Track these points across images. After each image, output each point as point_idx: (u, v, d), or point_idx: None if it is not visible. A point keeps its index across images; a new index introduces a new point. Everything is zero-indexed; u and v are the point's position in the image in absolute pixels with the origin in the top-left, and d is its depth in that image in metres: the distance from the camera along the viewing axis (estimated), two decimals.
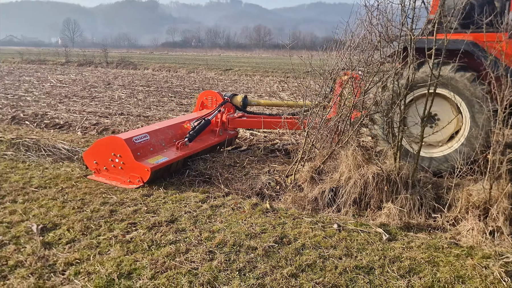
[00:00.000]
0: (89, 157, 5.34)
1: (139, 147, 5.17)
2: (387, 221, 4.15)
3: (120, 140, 5.05)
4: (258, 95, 14.78)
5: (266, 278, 3.06)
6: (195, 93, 14.68)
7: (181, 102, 12.60)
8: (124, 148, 5.01)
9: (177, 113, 10.34)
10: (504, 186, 4.15)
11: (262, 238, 3.71)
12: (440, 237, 3.83)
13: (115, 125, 8.75)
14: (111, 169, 5.18)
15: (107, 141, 5.28)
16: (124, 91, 14.83)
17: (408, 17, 4.26)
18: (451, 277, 3.11)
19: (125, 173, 5.08)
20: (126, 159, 5.03)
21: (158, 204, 4.49)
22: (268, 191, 4.99)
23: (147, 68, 27.78)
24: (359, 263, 3.30)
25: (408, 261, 3.35)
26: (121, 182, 5.09)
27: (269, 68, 29.11)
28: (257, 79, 21.80)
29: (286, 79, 21.81)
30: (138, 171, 5.00)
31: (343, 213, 4.36)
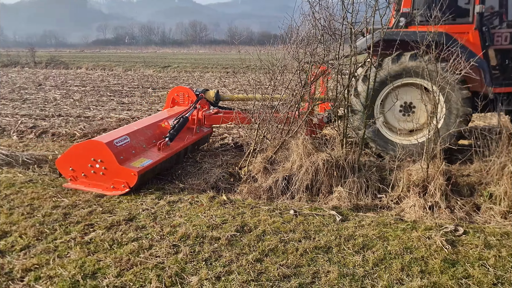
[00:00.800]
0: (64, 164, 4.93)
1: (121, 150, 4.86)
2: (338, 203, 4.41)
3: (101, 144, 4.71)
4: None
5: (232, 265, 3.17)
6: (135, 91, 14.34)
7: (121, 101, 12.24)
8: (106, 152, 4.68)
9: (120, 113, 10.07)
10: (439, 165, 4.58)
11: (224, 228, 3.80)
12: (386, 215, 4.16)
13: (54, 127, 8.35)
14: (91, 176, 4.82)
15: (85, 145, 4.88)
16: (58, 92, 14.11)
17: (348, 11, 4.53)
18: (400, 249, 3.41)
19: (108, 179, 4.75)
20: (108, 164, 4.70)
21: (113, 204, 4.42)
22: (223, 184, 5.09)
23: (80, 67, 26.50)
24: (318, 244, 3.51)
25: (361, 238, 3.61)
26: (103, 189, 4.77)
27: (208, 64, 28.97)
28: (197, 75, 21.66)
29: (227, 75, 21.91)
30: (123, 176, 4.68)
31: (297, 200, 4.56)
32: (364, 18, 4.57)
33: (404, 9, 5.52)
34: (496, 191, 4.32)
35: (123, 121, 8.96)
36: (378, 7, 4.53)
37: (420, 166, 4.59)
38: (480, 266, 3.14)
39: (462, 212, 4.20)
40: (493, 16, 5.79)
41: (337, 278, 2.99)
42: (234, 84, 17.24)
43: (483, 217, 4.14)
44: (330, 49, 4.93)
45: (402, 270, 3.10)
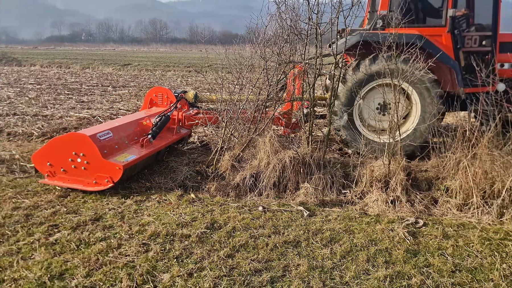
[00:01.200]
0: (41, 158, 4.70)
1: (105, 145, 4.69)
2: (305, 199, 4.52)
3: (84, 137, 4.52)
4: None
5: (204, 262, 3.18)
6: (95, 90, 13.94)
7: (81, 99, 11.87)
8: (89, 146, 4.49)
9: (79, 111, 9.77)
10: (400, 161, 4.79)
11: (194, 225, 3.81)
12: (351, 209, 4.30)
13: (10, 126, 7.99)
14: (71, 171, 4.61)
15: (66, 138, 4.68)
16: (12, 90, 13.48)
17: (313, 12, 4.65)
18: (366, 241, 3.55)
19: (90, 174, 4.57)
20: (91, 158, 4.51)
21: (78, 204, 4.31)
22: (190, 182, 5.07)
23: (34, 64, 25.38)
24: (287, 238, 3.59)
25: (328, 232, 3.73)
26: (84, 184, 4.58)
27: (169, 62, 28.62)
28: (159, 74, 21.32)
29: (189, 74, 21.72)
30: (106, 170, 4.51)
31: (265, 196, 4.63)
32: (330, 19, 4.70)
33: (381, 11, 5.72)
34: (452, 185, 4.56)
35: (83, 119, 8.71)
36: (342, 8, 4.66)
37: (382, 162, 4.78)
38: (440, 255, 3.33)
39: (422, 205, 4.42)
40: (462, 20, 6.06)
41: (307, 270, 3.08)
42: (197, 82, 17.13)
43: (440, 209, 4.37)
44: (296, 48, 5.02)
45: (368, 261, 3.23)
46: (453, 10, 5.52)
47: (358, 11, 4.87)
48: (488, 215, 4.14)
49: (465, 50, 5.80)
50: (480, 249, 3.43)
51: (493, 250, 3.42)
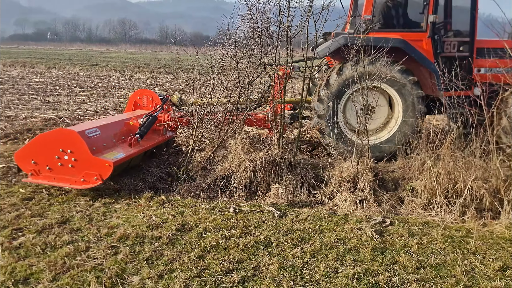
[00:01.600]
0: (24, 156, 4.54)
1: (93, 142, 4.55)
2: (276, 200, 4.56)
3: (72, 133, 4.38)
4: (132, 90, 14.29)
5: (174, 263, 3.16)
6: (61, 90, 13.56)
7: (46, 100, 11.52)
8: (78, 142, 4.35)
9: (45, 112, 9.48)
10: (368, 162, 4.91)
11: (164, 227, 3.78)
12: (321, 210, 4.38)
13: None
14: (57, 169, 4.46)
15: (53, 135, 4.52)
16: None
17: (284, 15, 4.71)
18: (335, 240, 3.62)
19: (77, 172, 4.43)
20: (79, 155, 4.37)
21: (43, 207, 4.19)
22: (160, 184, 5.03)
23: None
24: (258, 239, 3.61)
25: (298, 232, 3.78)
26: (71, 182, 4.45)
27: (139, 63, 28.18)
28: (128, 74, 20.97)
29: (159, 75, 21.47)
30: (95, 167, 4.38)
31: (236, 197, 4.64)
32: (300, 22, 4.77)
33: (365, 16, 5.85)
34: (417, 185, 4.72)
35: (49, 120, 8.46)
36: (312, 12, 4.75)
37: (351, 163, 4.89)
38: (405, 253, 3.44)
39: (388, 205, 4.54)
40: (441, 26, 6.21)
41: (278, 270, 3.11)
42: (168, 84, 16.96)
43: (406, 209, 4.51)
44: (267, 51, 5.07)
45: (337, 259, 3.30)
46: (433, 16, 5.69)
47: (328, 15, 4.95)
48: (451, 214, 4.30)
49: (444, 55, 5.98)
50: (443, 246, 3.56)
51: (455, 247, 3.56)
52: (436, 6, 5.77)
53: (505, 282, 3.03)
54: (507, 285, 2.99)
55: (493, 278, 3.08)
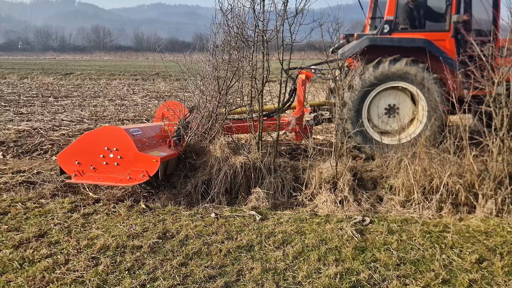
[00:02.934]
0: (67, 158, 4.54)
1: (138, 140, 4.56)
2: (257, 204, 4.57)
3: (120, 130, 4.42)
4: (109, 99, 14.12)
5: (157, 272, 3.14)
6: (34, 101, 13.26)
7: (19, 111, 11.24)
8: (125, 139, 4.37)
9: (18, 123, 9.24)
10: (346, 162, 4.98)
11: (145, 236, 3.74)
12: (302, 211, 4.41)
13: None
14: (102, 168, 4.49)
15: (99, 133, 4.53)
16: None
17: (259, 20, 4.74)
18: (316, 241, 3.65)
19: (123, 169, 4.44)
20: (126, 152, 4.39)
21: (20, 221, 4.09)
22: (140, 192, 4.97)
23: None
24: (240, 243, 3.62)
25: (280, 234, 3.80)
26: (117, 180, 4.46)
27: (115, 71, 27.84)
28: (104, 83, 20.69)
29: (136, 82, 21.26)
30: (142, 164, 4.38)
31: (217, 203, 4.63)
32: (275, 26, 4.81)
33: (388, 17, 5.92)
34: (395, 183, 4.81)
35: (23, 132, 8.25)
36: (287, 16, 4.79)
37: (330, 164, 4.95)
38: (386, 250, 3.50)
39: (368, 204, 4.62)
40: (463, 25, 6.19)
41: (261, 273, 3.12)
42: (144, 91, 16.80)
43: (385, 207, 4.59)
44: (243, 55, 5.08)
45: (319, 260, 3.33)
46: (457, 16, 5.78)
47: (302, 19, 5.00)
48: (429, 210, 4.41)
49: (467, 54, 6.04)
50: (422, 242, 3.64)
51: (433, 242, 3.64)
52: (459, 6, 5.86)
53: (482, 273, 3.12)
54: (484, 277, 3.08)
55: (470, 270, 3.17)
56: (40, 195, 4.81)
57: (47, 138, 7.57)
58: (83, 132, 7.86)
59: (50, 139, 7.54)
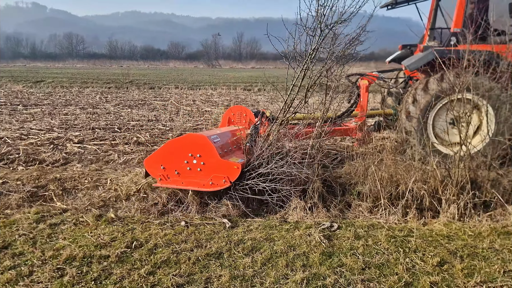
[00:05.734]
0: (153, 163, 4.76)
1: (218, 146, 4.71)
2: (228, 212, 4.59)
3: (203, 137, 4.60)
4: (80, 107, 13.88)
5: (124, 281, 3.11)
6: (2, 109, 12.90)
7: None
8: (207, 146, 4.56)
9: None
10: (316, 169, 5.07)
11: (113, 245, 3.70)
12: (272, 218, 4.46)
13: None
14: (185, 173, 4.69)
15: (183, 140, 4.71)
16: None
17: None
18: (285, 247, 3.70)
19: (205, 175, 4.61)
20: (208, 159, 4.57)
21: None
22: (110, 201, 4.92)
23: None
24: (209, 251, 3.63)
25: (250, 241, 3.83)
26: (199, 185, 4.60)
27: (87, 78, 27.44)
28: (76, 90, 20.31)
29: (109, 90, 20.98)
30: (223, 170, 4.54)
31: (188, 211, 4.63)
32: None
33: (455, 29, 5.98)
34: (363, 190, 4.92)
35: None
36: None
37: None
38: (352, 255, 3.57)
39: (337, 210, 4.71)
40: None
41: (229, 280, 3.14)
42: (117, 99, 16.60)
43: (353, 213, 4.69)
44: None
45: (287, 266, 3.38)
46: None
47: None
48: (394, 215, 4.53)
49: None
50: (387, 246, 3.74)
51: (398, 246, 3.74)
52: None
53: (442, 276, 3.24)
54: (444, 279, 3.19)
55: (431, 273, 3.28)
56: (5, 206, 4.70)
57: (14, 147, 7.39)
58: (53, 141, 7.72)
59: (17, 148, 7.36)
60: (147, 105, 14.76)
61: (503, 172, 5.08)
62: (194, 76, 34.23)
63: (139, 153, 7.15)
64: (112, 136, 8.65)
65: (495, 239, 3.92)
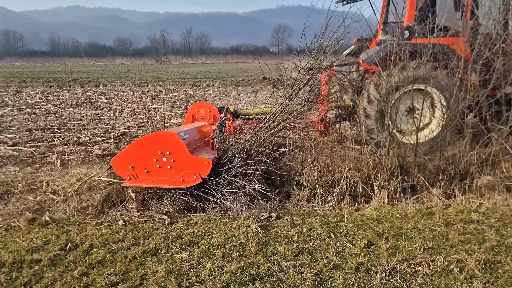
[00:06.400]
0: (121, 162, 4.63)
1: (187, 144, 4.68)
2: (169, 208, 4.60)
3: (172, 135, 4.57)
4: (18, 107, 13.20)
5: (56, 284, 3.06)
6: None
7: None
8: (177, 143, 4.53)
9: None
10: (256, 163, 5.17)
11: (46, 249, 3.61)
12: (212, 213, 4.51)
13: None
14: (155, 171, 4.61)
15: (152, 138, 4.63)
16: None
17: None
18: (223, 239, 3.78)
19: (176, 172, 4.58)
20: (178, 155, 4.54)
21: None
22: (45, 204, 4.77)
23: None
24: (147, 248, 3.63)
25: (188, 236, 3.87)
26: (170, 183, 4.58)
27: (26, 77, 26.08)
28: (14, 90, 19.25)
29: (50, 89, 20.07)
30: (194, 166, 4.55)
31: (129, 210, 4.58)
32: None
33: (407, 24, 6.22)
34: (301, 180, 5.10)
35: None
36: None
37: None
38: (287, 243, 3.72)
39: (276, 201, 4.84)
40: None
41: (164, 275, 3.17)
42: (59, 98, 15.93)
43: (292, 202, 4.85)
44: None
45: (223, 257, 3.46)
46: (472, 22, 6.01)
47: None
48: (330, 203, 4.73)
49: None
50: (320, 232, 3.92)
51: (330, 232, 3.93)
52: (473, 11, 6.13)
53: (369, 257, 3.45)
54: (370, 259, 3.41)
55: (359, 254, 3.48)
56: None
57: None
58: None
59: None
60: (91, 104, 14.30)
61: (429, 158, 5.44)
62: (141, 73, 33.47)
63: (78, 154, 6.95)
64: (51, 137, 8.33)
65: (419, 219, 4.22)
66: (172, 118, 10.80)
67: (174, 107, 13.29)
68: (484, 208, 4.52)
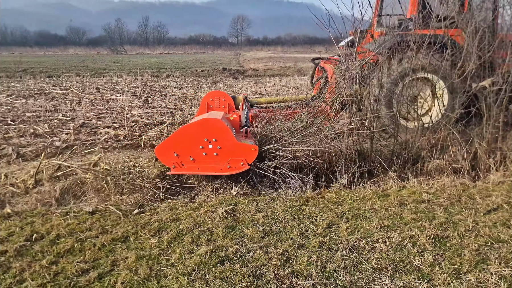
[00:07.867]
0: (165, 150, 4.65)
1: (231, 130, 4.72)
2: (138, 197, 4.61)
3: (217, 121, 4.56)
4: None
5: (24, 274, 3.05)
6: None
7: None
8: (223, 130, 4.55)
9: None
10: None
11: (11, 240, 3.57)
12: (180, 200, 4.59)
13: None
14: (201, 158, 4.66)
15: (197, 125, 4.63)
16: None
17: None
18: (191, 225, 3.88)
19: (222, 159, 4.64)
20: (224, 142, 4.57)
21: None
22: (6, 197, 4.66)
23: None
24: (115, 236, 3.67)
25: (156, 223, 3.94)
26: (217, 170, 4.64)
27: None
28: None
29: None
30: (241, 153, 4.60)
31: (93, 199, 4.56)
32: None
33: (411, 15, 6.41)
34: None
35: None
36: None
37: None
38: (253, 226, 3.87)
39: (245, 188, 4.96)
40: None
41: (135, 261, 3.24)
42: (9, 90, 15.22)
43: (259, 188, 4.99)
44: None
45: (192, 242, 3.57)
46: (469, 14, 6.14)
47: None
48: (294, 188, 4.92)
49: None
50: (284, 216, 4.10)
51: (293, 215, 4.13)
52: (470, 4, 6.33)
53: (330, 236, 3.67)
54: (331, 238, 3.63)
55: (321, 234, 3.70)
56: None
57: None
58: None
59: None
60: (45, 95, 13.78)
61: (385, 144, 5.76)
62: (97, 63, 32.40)
63: (36, 145, 6.76)
64: (5, 130, 8.02)
65: (376, 201, 4.50)
66: (132, 108, 10.64)
67: (134, 97, 13.08)
68: (434, 189, 4.87)
